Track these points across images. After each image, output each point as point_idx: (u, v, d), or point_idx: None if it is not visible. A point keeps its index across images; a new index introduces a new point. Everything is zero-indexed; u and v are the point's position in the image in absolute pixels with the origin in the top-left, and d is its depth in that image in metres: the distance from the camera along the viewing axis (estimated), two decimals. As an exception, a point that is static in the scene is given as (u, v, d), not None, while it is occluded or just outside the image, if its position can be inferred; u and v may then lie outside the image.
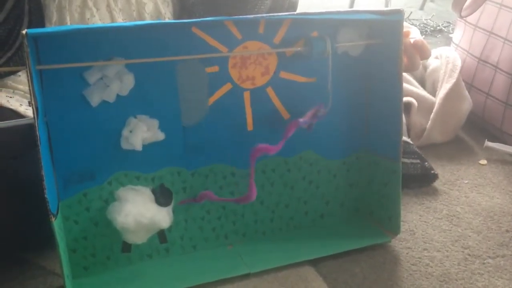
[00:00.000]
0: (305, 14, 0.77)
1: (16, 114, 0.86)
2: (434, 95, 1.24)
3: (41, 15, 0.86)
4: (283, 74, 0.83)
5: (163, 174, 0.81)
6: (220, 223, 0.86)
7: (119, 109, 0.76)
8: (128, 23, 0.86)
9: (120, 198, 0.78)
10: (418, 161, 1.04)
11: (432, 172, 1.04)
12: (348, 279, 0.81)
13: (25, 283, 0.79)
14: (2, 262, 0.81)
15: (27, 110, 0.87)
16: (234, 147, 0.83)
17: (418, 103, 1.19)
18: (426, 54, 0.85)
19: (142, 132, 0.77)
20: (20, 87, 0.90)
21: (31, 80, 0.63)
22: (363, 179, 0.92)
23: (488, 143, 1.18)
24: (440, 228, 0.93)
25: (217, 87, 0.81)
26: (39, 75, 0.71)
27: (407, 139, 1.08)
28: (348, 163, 0.91)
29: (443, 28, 2.17)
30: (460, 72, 1.22)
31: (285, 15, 0.78)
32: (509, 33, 1.19)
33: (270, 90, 0.83)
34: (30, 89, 0.64)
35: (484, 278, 0.81)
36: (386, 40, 0.82)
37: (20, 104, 0.88)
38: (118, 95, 0.76)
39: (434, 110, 1.19)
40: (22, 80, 0.90)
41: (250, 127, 0.84)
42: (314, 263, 0.84)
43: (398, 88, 0.82)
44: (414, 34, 0.85)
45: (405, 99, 1.15)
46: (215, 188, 0.84)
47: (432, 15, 2.32)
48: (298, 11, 1.03)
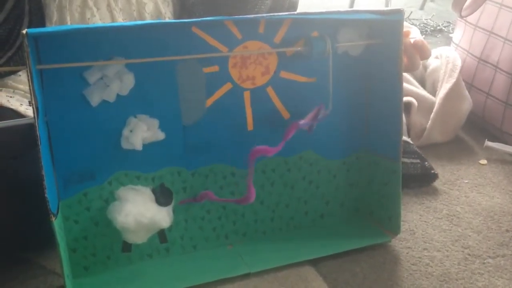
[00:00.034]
0: (305, 14, 0.77)
1: (16, 114, 0.86)
2: (434, 95, 1.24)
3: (41, 15, 0.86)
4: (283, 74, 0.83)
5: (163, 173, 0.81)
6: (220, 223, 0.86)
7: (119, 108, 0.76)
8: (128, 23, 0.86)
9: (120, 198, 0.78)
10: (418, 161, 1.04)
11: (432, 172, 1.04)
12: (348, 279, 0.81)
13: (25, 282, 0.79)
14: (2, 262, 0.81)
15: (27, 110, 0.87)
16: (234, 147, 0.83)
17: (418, 103, 1.19)
18: (426, 54, 0.85)
19: (142, 132, 0.77)
20: (21, 86, 0.90)
21: (31, 80, 0.63)
22: (363, 179, 0.92)
23: (488, 143, 1.18)
24: (440, 228, 0.93)
25: (217, 87, 0.81)
26: (40, 74, 0.71)
27: (407, 139, 1.08)
28: (348, 163, 0.91)
29: (443, 28, 2.17)
30: (460, 72, 1.22)
31: (285, 15, 0.77)
32: (509, 33, 1.19)
33: (270, 90, 0.83)
34: (30, 88, 0.64)
35: (484, 278, 0.81)
36: (386, 40, 0.82)
37: (21, 104, 0.88)
38: (118, 95, 0.76)
39: (434, 110, 1.19)
40: (22, 79, 0.90)
41: (250, 127, 0.84)
42: (314, 263, 0.84)
43: (398, 88, 0.82)
44: (414, 34, 0.85)
45: (405, 99, 1.15)
46: (215, 188, 0.84)
47: (432, 15, 2.32)
48: (298, 11, 1.03)
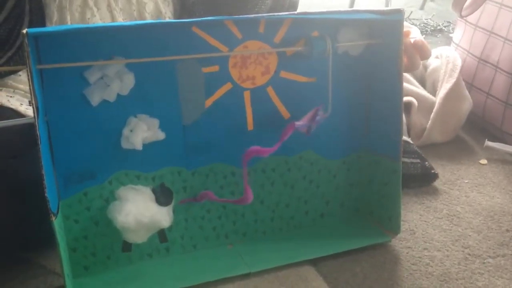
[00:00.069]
0: (305, 13, 0.77)
1: (16, 114, 0.86)
2: (434, 94, 1.24)
3: (41, 14, 0.86)
4: (284, 74, 0.83)
5: (163, 173, 0.81)
6: (221, 223, 0.86)
7: (119, 108, 0.76)
8: (129, 23, 0.86)
9: (121, 198, 0.78)
10: (418, 160, 1.04)
11: (432, 171, 1.04)
12: (349, 278, 0.81)
13: (25, 282, 0.79)
14: (2, 261, 0.81)
15: (27, 110, 0.87)
16: (234, 146, 0.83)
17: (418, 103, 1.19)
18: (426, 54, 0.85)
19: (142, 132, 0.77)
20: (21, 86, 0.90)
21: (31, 80, 0.63)
22: (363, 179, 0.92)
23: (488, 143, 1.18)
24: (440, 227, 0.93)
25: (217, 86, 0.81)
26: (40, 74, 0.71)
27: (407, 138, 1.08)
28: (348, 163, 0.91)
29: (443, 28, 2.17)
30: (460, 71, 1.22)
31: (285, 14, 0.77)
32: (509, 32, 1.19)
33: (270, 90, 0.83)
34: (30, 88, 0.64)
35: (484, 278, 0.81)
36: (386, 40, 0.82)
37: (21, 104, 0.88)
38: (118, 95, 0.76)
39: (434, 110, 1.19)
40: (22, 79, 0.90)
41: (250, 126, 0.84)
42: (314, 262, 0.84)
43: (398, 88, 0.82)
44: (414, 34, 0.85)
45: (405, 98, 1.15)
46: (215, 187, 0.84)
47: (433, 14, 2.32)
48: (298, 10, 1.03)
